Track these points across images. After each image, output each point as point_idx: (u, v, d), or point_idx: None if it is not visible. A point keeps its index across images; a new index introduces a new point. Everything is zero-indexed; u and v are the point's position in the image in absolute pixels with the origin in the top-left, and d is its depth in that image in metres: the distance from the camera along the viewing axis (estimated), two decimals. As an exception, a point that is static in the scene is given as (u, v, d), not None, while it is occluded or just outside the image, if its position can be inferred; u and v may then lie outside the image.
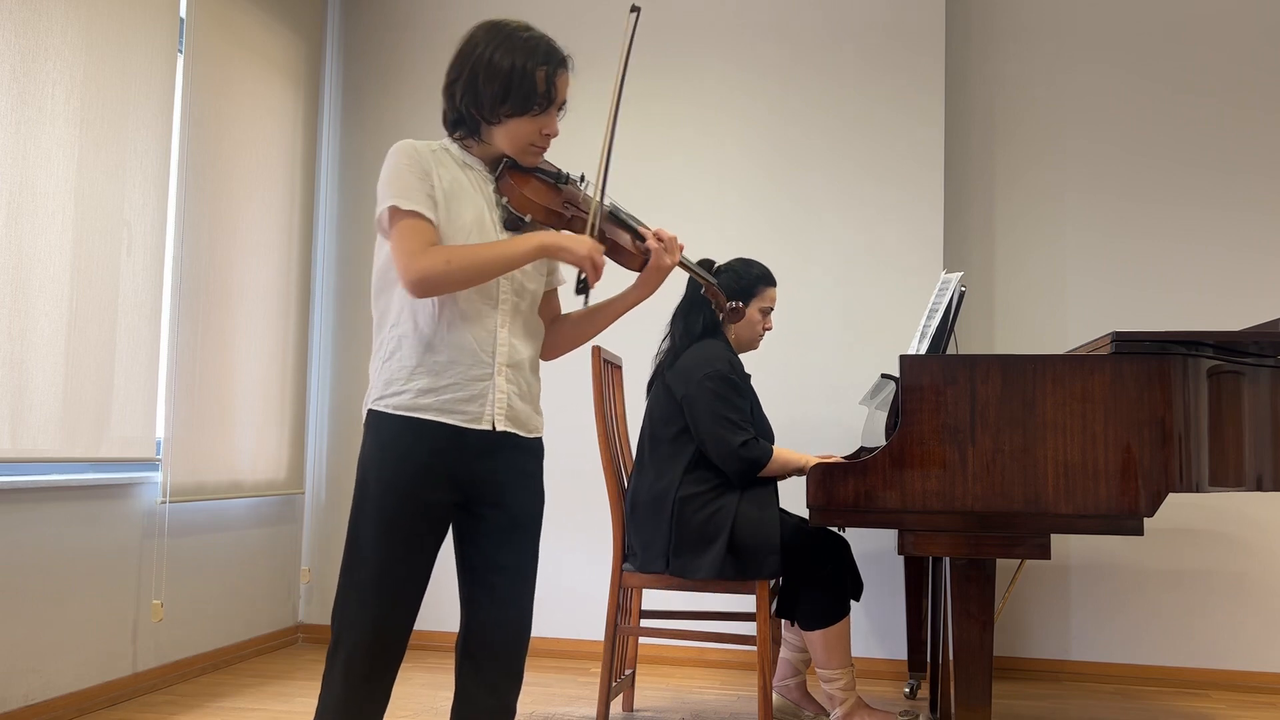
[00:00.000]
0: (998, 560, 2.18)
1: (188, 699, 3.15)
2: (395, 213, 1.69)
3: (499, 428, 1.76)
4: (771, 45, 3.97)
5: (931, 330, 2.60)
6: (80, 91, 2.91)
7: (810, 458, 2.68)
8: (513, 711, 1.81)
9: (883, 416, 2.70)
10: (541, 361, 1.95)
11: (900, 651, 3.69)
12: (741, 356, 2.97)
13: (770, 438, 2.89)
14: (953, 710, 2.17)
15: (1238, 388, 2.21)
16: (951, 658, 2.17)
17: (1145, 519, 2.14)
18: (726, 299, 2.10)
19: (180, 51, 3.37)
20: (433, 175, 1.73)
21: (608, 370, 3.00)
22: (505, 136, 1.78)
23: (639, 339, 3.78)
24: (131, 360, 3.10)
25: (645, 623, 3.53)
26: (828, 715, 2.83)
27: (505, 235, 1.78)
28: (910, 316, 3.78)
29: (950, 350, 2.73)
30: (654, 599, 3.67)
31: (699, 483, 2.71)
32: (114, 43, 3.03)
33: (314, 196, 4.15)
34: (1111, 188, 3.93)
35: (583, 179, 1.88)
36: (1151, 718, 3.20)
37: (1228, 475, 2.19)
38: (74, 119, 2.88)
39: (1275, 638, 3.66)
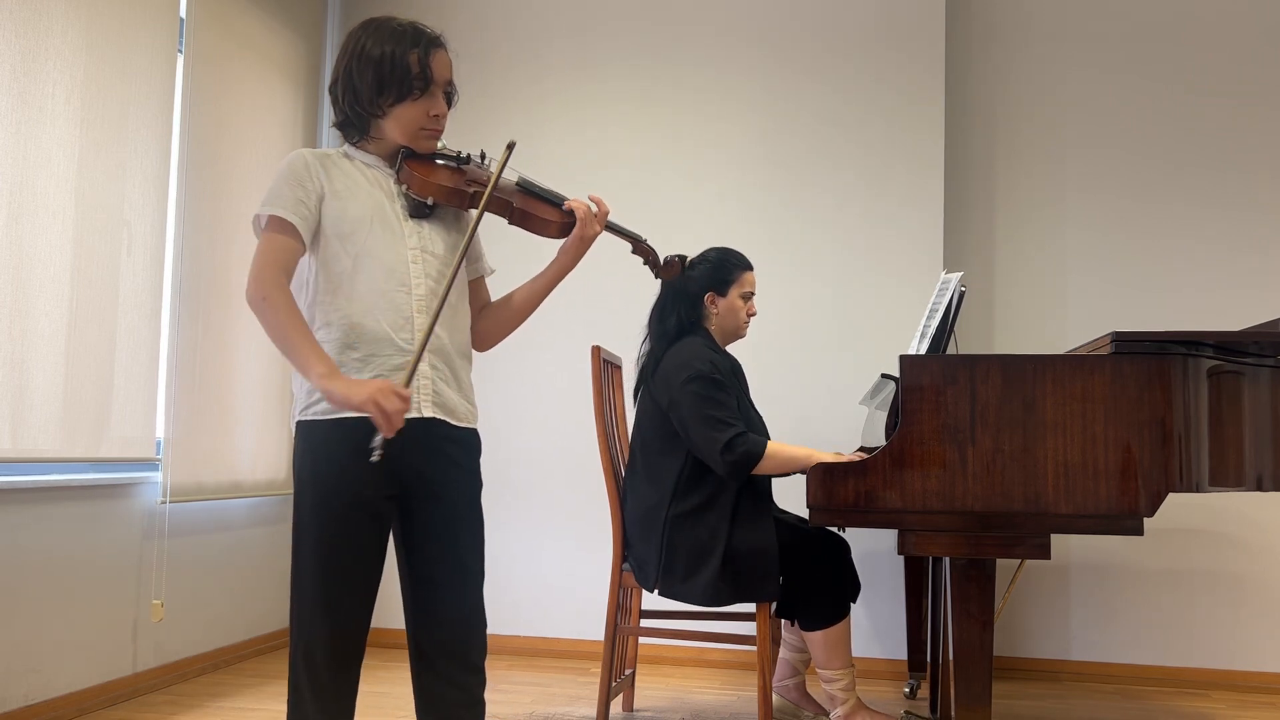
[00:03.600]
0: (998, 560, 2.18)
1: (188, 699, 3.15)
2: (262, 219, 1.73)
3: (425, 413, 1.75)
4: (770, 48, 3.97)
5: (931, 330, 2.60)
6: (80, 91, 2.91)
7: (818, 453, 2.50)
8: (481, 704, 1.81)
9: (883, 416, 2.70)
10: (478, 352, 1.96)
11: (900, 651, 3.69)
12: (733, 348, 2.92)
13: (762, 433, 2.81)
14: (953, 710, 2.17)
15: (1238, 388, 2.21)
16: (951, 658, 2.18)
17: (1145, 519, 2.14)
18: (665, 259, 2.13)
19: (180, 51, 3.37)
20: (315, 181, 1.76)
21: (607, 370, 3.00)
22: (394, 126, 1.80)
23: (639, 339, 3.78)
24: (131, 360, 3.10)
25: (645, 623, 3.53)
26: (828, 715, 2.82)
27: (410, 224, 1.79)
28: (910, 316, 3.78)
29: (950, 350, 2.73)
30: (654, 599, 3.68)
31: (690, 498, 2.64)
32: (114, 43, 3.03)
33: (314, 196, 4.15)
34: (1111, 187, 3.93)
35: (484, 157, 1.89)
36: (1151, 718, 3.20)
37: (1228, 475, 2.19)
38: (74, 119, 2.88)
39: (1275, 638, 3.66)
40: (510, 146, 1.81)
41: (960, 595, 2.17)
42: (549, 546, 3.97)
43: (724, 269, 2.83)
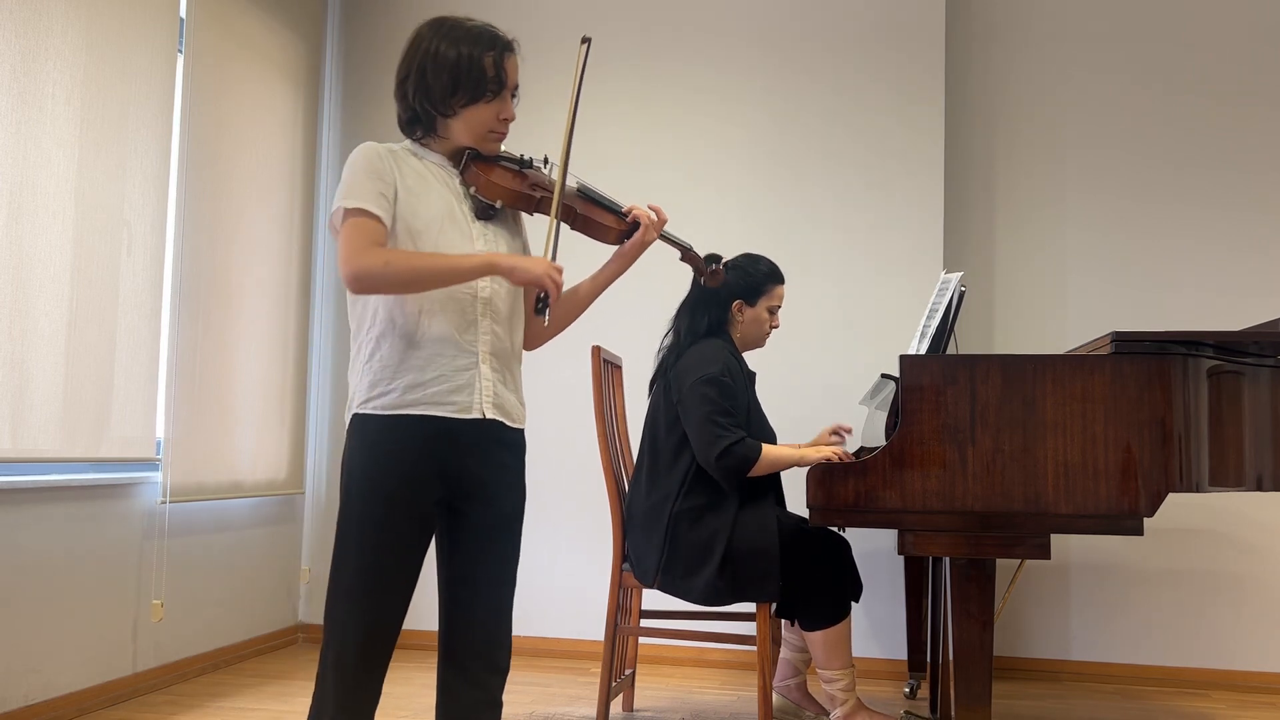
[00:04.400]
0: (998, 560, 2.18)
1: (188, 699, 3.15)
2: (344, 212, 1.71)
3: (488, 415, 1.77)
4: (770, 48, 3.97)
5: (931, 330, 2.60)
6: (80, 91, 2.91)
7: (807, 452, 2.61)
8: (499, 705, 1.83)
9: (883, 416, 2.70)
10: (526, 352, 1.97)
11: (900, 651, 3.69)
12: (747, 355, 2.94)
13: (770, 439, 2.83)
14: (953, 710, 2.17)
15: (1238, 388, 2.21)
16: (951, 658, 2.18)
17: (1145, 519, 2.14)
18: (711, 268, 2.14)
19: (180, 51, 3.37)
20: (390, 174, 1.75)
21: (608, 370, 3.00)
22: (463, 127, 1.80)
23: (639, 339, 3.78)
24: (131, 360, 3.10)
25: (645, 623, 3.53)
26: (828, 715, 2.82)
27: (477, 225, 1.81)
28: (910, 316, 3.78)
29: (950, 350, 2.73)
30: (654, 599, 3.67)
31: (696, 497, 2.66)
32: (114, 43, 3.03)
33: (314, 196, 4.15)
34: (1111, 187, 3.93)
35: (546, 161, 1.90)
36: (1151, 718, 3.20)
37: (1228, 475, 2.19)
38: (74, 119, 2.88)
39: (1275, 638, 3.66)
40: (586, 41, 1.85)
41: (960, 595, 2.17)
42: (549, 546, 3.97)
43: (757, 279, 2.87)
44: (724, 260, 2.90)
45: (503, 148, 1.87)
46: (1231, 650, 3.68)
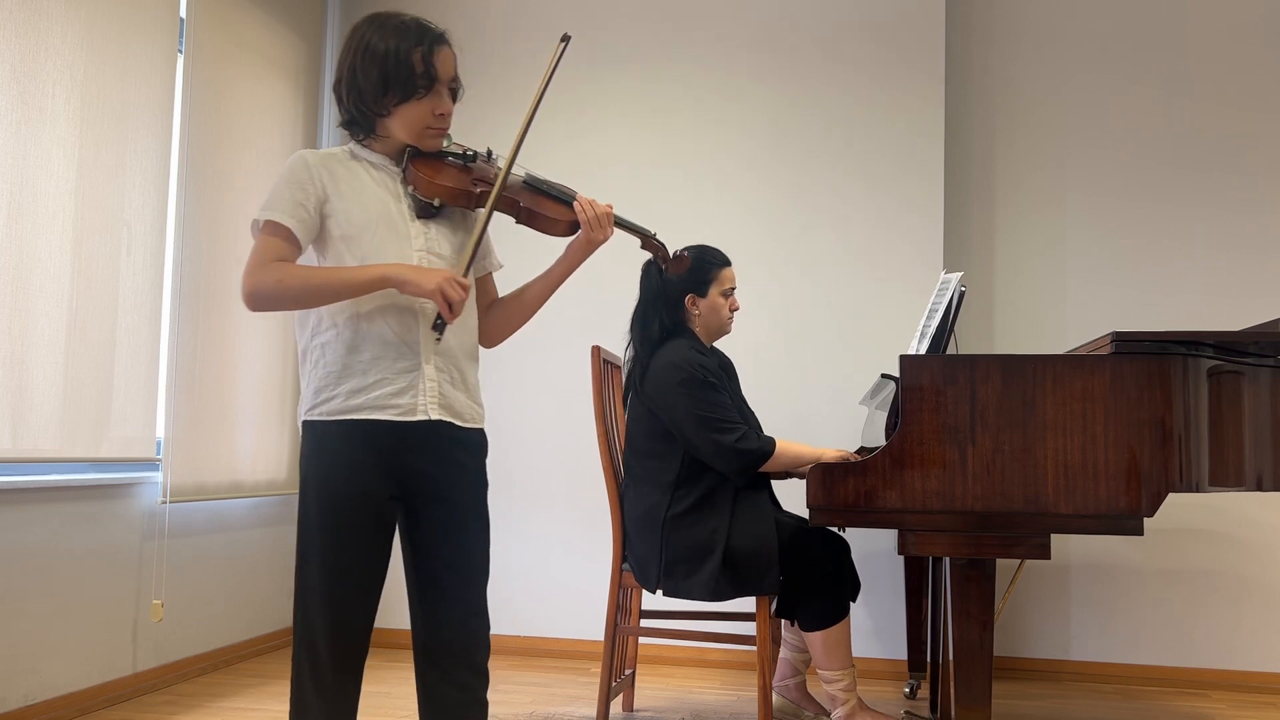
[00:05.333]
0: (998, 560, 2.18)
1: (188, 699, 3.15)
2: (258, 225, 1.73)
3: (433, 416, 1.75)
4: (770, 48, 3.97)
5: (931, 330, 2.60)
6: (80, 91, 2.91)
7: (826, 451, 2.60)
8: (483, 705, 1.81)
9: (883, 416, 2.70)
10: (484, 349, 1.95)
11: (900, 651, 3.69)
12: (731, 348, 2.92)
13: (756, 429, 2.82)
14: (953, 710, 2.17)
15: (1238, 388, 2.21)
16: (951, 658, 2.17)
17: (1145, 519, 2.14)
18: (675, 254, 2.10)
19: (180, 51, 3.37)
20: (315, 184, 1.74)
21: (607, 370, 3.00)
22: (400, 125, 1.77)
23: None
24: (131, 360, 3.10)
25: (645, 623, 3.53)
26: (828, 715, 2.82)
27: (417, 224, 1.78)
28: (910, 317, 3.78)
29: (950, 350, 2.73)
30: (654, 599, 3.67)
31: (688, 497, 2.65)
32: (114, 43, 3.03)
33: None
34: (1111, 189, 3.93)
35: (490, 154, 1.87)
36: (1151, 718, 3.20)
37: (1228, 475, 2.19)
38: (74, 119, 2.88)
39: (1275, 638, 3.66)
40: (565, 39, 1.79)
41: (960, 595, 2.17)
42: (549, 546, 3.97)
43: (701, 269, 2.81)
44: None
45: (449, 141, 1.84)
46: (1231, 650, 3.68)
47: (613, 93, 4.07)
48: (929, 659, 3.23)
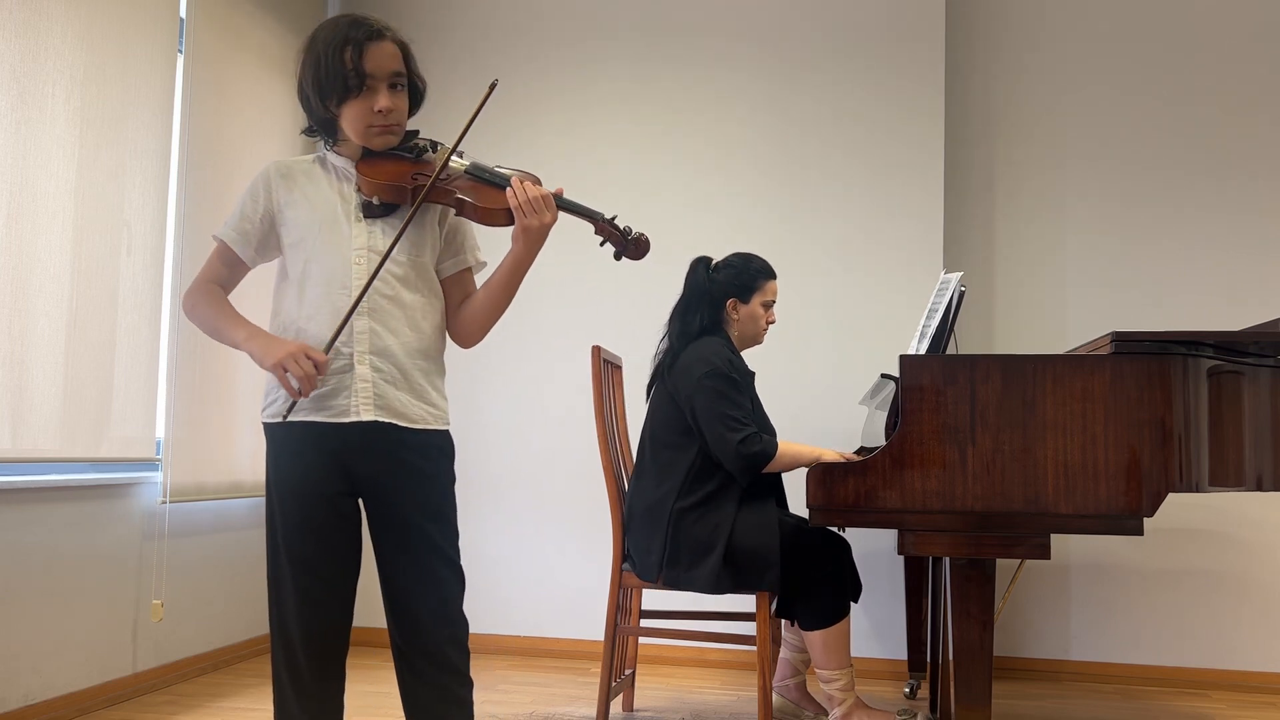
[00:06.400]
0: (998, 560, 2.18)
1: (188, 699, 3.15)
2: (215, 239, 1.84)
3: (364, 417, 1.72)
4: (771, 48, 3.97)
5: (931, 330, 2.60)
6: (80, 91, 2.90)
7: (826, 451, 2.63)
8: (464, 703, 1.79)
9: (883, 416, 2.70)
10: (463, 350, 1.94)
11: (900, 651, 3.69)
12: (745, 353, 2.95)
13: (771, 435, 2.86)
14: (953, 710, 2.17)
15: (1238, 388, 2.21)
16: (951, 658, 2.17)
17: (1145, 519, 2.14)
18: (632, 236, 1.86)
19: (180, 51, 3.37)
20: (269, 195, 1.79)
21: (607, 370, 3.00)
22: (347, 126, 1.77)
23: (639, 339, 3.78)
24: (131, 360, 3.10)
25: (645, 623, 3.53)
26: (827, 715, 2.82)
27: (361, 225, 1.76)
28: (910, 317, 3.78)
29: (950, 350, 2.73)
30: (654, 599, 3.67)
31: (698, 493, 2.67)
32: (114, 43, 3.03)
33: (314, 196, 4.15)
34: (1111, 190, 3.93)
35: (434, 147, 1.82)
36: (1151, 718, 3.20)
37: (1228, 475, 2.19)
38: (74, 119, 2.88)
39: (1275, 638, 3.66)
40: (492, 86, 1.71)
41: (960, 595, 2.17)
42: (549, 547, 3.97)
43: (749, 276, 2.87)
44: (714, 261, 2.92)
45: (421, 140, 1.81)
46: (1231, 650, 3.68)
47: (610, 94, 4.07)
48: (929, 659, 3.23)
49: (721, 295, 2.86)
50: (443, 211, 1.85)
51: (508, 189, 1.74)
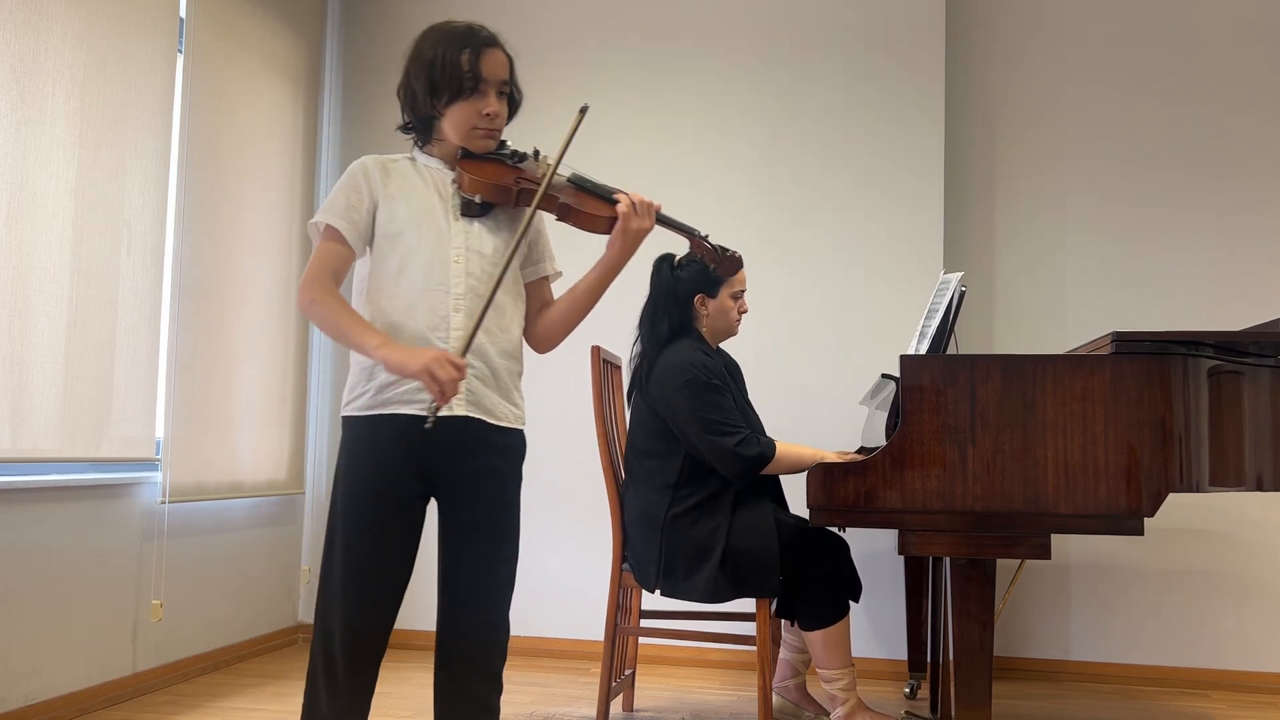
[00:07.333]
0: (998, 560, 2.18)
1: (188, 699, 3.15)
2: (316, 227, 1.80)
3: (458, 412, 1.75)
4: (771, 50, 3.97)
5: (931, 330, 2.60)
6: (80, 91, 2.90)
7: (826, 453, 2.60)
8: (494, 710, 1.82)
9: (883, 416, 2.70)
10: (540, 355, 1.96)
11: (900, 651, 3.69)
12: (733, 348, 2.91)
13: (760, 433, 2.81)
14: (953, 710, 2.17)
15: (1238, 388, 2.21)
16: (951, 658, 2.17)
17: (1145, 519, 2.14)
18: (727, 254, 1.97)
19: (180, 51, 3.37)
20: (369, 186, 1.80)
21: (607, 370, 3.00)
22: (450, 127, 1.82)
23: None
24: (131, 360, 3.10)
25: (645, 623, 3.53)
26: (828, 716, 2.82)
27: (459, 224, 1.80)
28: (910, 316, 3.78)
29: (950, 350, 2.73)
30: (654, 599, 3.67)
31: (689, 498, 2.65)
32: (114, 43, 3.03)
33: (314, 197, 4.15)
34: (1111, 191, 3.93)
35: (537, 155, 1.90)
36: (1151, 718, 3.20)
37: (1228, 475, 2.19)
38: (74, 119, 2.88)
39: (1276, 638, 3.66)
40: (582, 111, 1.83)
41: (960, 595, 2.17)
42: (549, 547, 3.97)
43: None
44: (678, 258, 2.89)
45: (508, 145, 1.86)
46: (1231, 650, 3.68)
47: (610, 95, 4.07)
48: (929, 659, 3.23)
49: (688, 292, 2.82)
50: (531, 220, 1.86)
51: (619, 193, 1.85)
